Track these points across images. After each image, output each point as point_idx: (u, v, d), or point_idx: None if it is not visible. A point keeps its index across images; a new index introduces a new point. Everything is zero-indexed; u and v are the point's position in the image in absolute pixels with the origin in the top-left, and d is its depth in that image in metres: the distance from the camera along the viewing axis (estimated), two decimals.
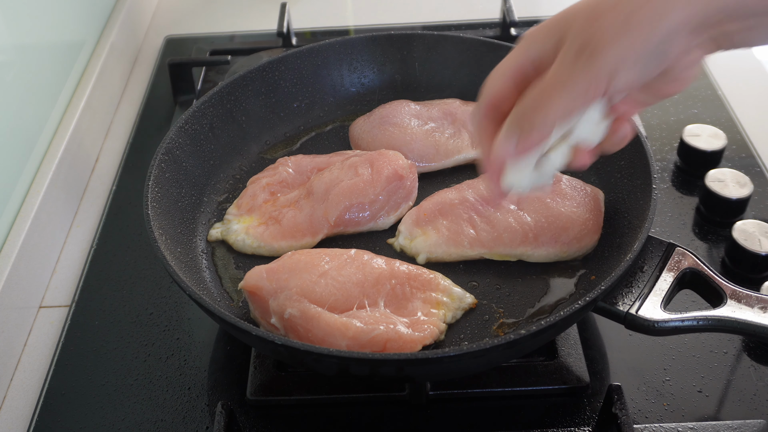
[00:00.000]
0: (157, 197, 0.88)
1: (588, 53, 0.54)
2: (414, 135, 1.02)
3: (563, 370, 0.80)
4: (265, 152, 1.08)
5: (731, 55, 1.34)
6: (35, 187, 1.02)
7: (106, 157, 1.21)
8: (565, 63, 0.55)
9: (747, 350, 0.84)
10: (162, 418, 0.81)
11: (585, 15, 0.55)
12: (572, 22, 0.56)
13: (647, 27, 0.53)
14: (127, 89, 1.37)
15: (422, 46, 1.13)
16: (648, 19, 0.53)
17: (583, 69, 0.54)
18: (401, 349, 0.76)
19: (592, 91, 0.55)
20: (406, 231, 0.92)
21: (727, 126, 1.14)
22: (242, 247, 0.93)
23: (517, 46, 0.61)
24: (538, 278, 0.87)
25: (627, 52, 0.53)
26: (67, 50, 1.20)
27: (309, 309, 0.77)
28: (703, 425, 0.76)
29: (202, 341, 0.88)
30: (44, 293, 0.99)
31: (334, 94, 1.14)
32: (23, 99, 1.04)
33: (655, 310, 0.74)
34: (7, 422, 0.83)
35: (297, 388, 0.80)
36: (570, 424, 0.77)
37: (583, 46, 0.54)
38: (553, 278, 0.87)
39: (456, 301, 0.83)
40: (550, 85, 0.56)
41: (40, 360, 0.90)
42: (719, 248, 0.96)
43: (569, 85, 0.55)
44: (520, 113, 0.58)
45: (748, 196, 0.98)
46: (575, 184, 0.92)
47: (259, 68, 1.07)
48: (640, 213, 0.83)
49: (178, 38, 1.47)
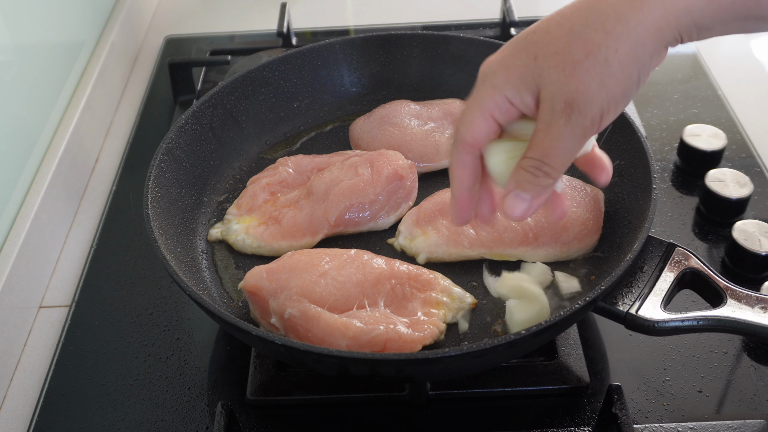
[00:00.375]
0: (157, 197, 0.88)
1: (577, 110, 0.56)
2: (414, 135, 1.02)
3: (563, 370, 0.80)
4: (265, 152, 1.08)
5: (731, 55, 1.34)
6: (35, 187, 1.02)
7: (106, 157, 1.21)
8: (556, 120, 0.57)
9: (747, 350, 0.84)
10: (162, 418, 0.81)
11: (558, 65, 0.56)
12: (545, 73, 0.57)
13: (625, 75, 0.56)
14: (127, 89, 1.37)
15: (422, 46, 1.13)
16: (625, 65, 0.56)
17: (576, 124, 0.57)
18: (401, 349, 0.76)
19: (587, 136, 0.58)
20: (406, 231, 0.92)
21: (727, 126, 1.14)
22: (242, 247, 0.93)
23: (485, 86, 0.61)
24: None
25: (611, 100, 0.56)
26: (67, 50, 1.20)
27: (309, 309, 0.77)
28: (703, 425, 0.76)
29: (202, 341, 0.88)
30: (44, 293, 0.99)
31: (334, 94, 1.14)
32: (23, 99, 1.04)
33: (655, 310, 0.74)
34: (7, 422, 0.83)
35: (297, 388, 0.80)
36: (570, 424, 0.77)
37: (569, 104, 0.56)
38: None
39: (456, 301, 0.83)
40: (551, 143, 0.58)
41: (40, 360, 0.90)
42: (719, 248, 0.96)
43: (568, 139, 0.58)
44: (530, 174, 0.60)
45: (748, 196, 0.98)
46: (575, 184, 0.92)
47: (259, 68, 1.07)
48: (640, 213, 0.83)
49: (178, 38, 1.47)
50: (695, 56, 1.32)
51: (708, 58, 1.31)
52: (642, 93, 1.23)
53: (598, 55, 0.55)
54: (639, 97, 1.22)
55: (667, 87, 1.25)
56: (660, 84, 1.25)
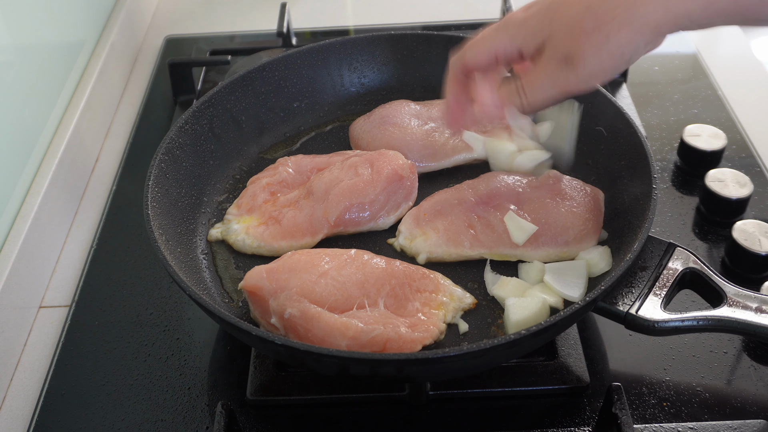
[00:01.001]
0: (157, 197, 0.88)
1: (571, 65, 0.67)
2: (414, 135, 1.02)
3: (563, 370, 0.80)
4: (265, 152, 1.08)
5: (731, 55, 1.34)
6: (35, 187, 1.02)
7: (106, 157, 1.21)
8: (550, 64, 0.69)
9: (747, 350, 0.84)
10: (162, 418, 0.81)
11: (568, 28, 0.67)
12: (556, 31, 0.68)
13: (619, 52, 0.66)
14: (127, 89, 1.37)
15: (422, 46, 1.13)
16: (622, 45, 0.65)
17: (565, 75, 0.68)
18: (401, 349, 0.76)
19: (565, 90, 0.70)
20: (406, 231, 0.92)
21: (727, 126, 1.14)
22: (242, 247, 0.93)
23: (503, 29, 0.72)
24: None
25: (600, 69, 0.67)
26: (67, 50, 1.20)
27: (309, 309, 0.77)
28: (703, 425, 0.76)
29: (202, 341, 0.88)
30: (44, 293, 0.99)
31: (334, 94, 1.14)
32: (23, 99, 1.04)
33: (655, 310, 0.74)
34: (7, 422, 0.83)
35: (297, 388, 0.80)
36: (570, 424, 0.77)
37: (568, 58, 0.67)
38: None
39: (456, 301, 0.83)
40: (538, 78, 0.70)
41: (40, 360, 0.90)
42: (719, 248, 0.96)
43: (552, 82, 0.70)
44: (512, 91, 0.73)
45: (748, 196, 0.98)
46: (575, 184, 0.92)
47: (259, 68, 1.07)
48: (640, 213, 0.83)
49: (178, 38, 1.47)
50: (695, 56, 1.32)
51: (708, 58, 1.31)
52: (642, 93, 1.23)
53: (602, 31, 0.65)
54: (639, 97, 1.22)
55: (667, 87, 1.25)
56: (660, 84, 1.26)
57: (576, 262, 0.85)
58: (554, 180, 0.92)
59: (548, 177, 0.93)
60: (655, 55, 1.31)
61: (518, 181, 0.93)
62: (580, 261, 0.85)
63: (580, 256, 0.86)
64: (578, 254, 0.87)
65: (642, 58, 0.69)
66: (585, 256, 0.86)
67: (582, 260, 0.85)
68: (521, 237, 0.87)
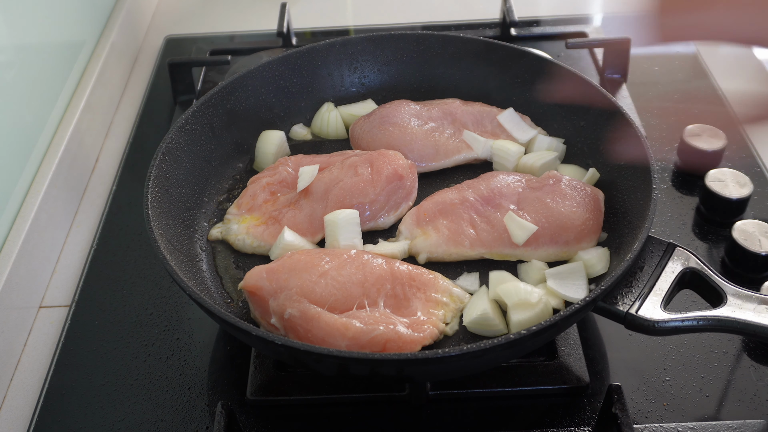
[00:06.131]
0: (157, 197, 0.88)
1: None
2: (414, 135, 1.02)
3: (563, 370, 0.80)
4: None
5: (731, 54, 1.34)
6: (35, 187, 1.02)
7: (106, 157, 1.21)
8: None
9: (747, 350, 0.84)
10: (162, 418, 0.81)
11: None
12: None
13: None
14: (127, 89, 1.37)
15: (422, 47, 1.13)
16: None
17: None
18: (401, 350, 0.76)
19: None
20: (406, 231, 0.92)
21: (727, 126, 1.14)
22: (242, 246, 0.93)
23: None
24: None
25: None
26: (67, 50, 1.20)
27: (309, 309, 0.77)
28: (703, 425, 0.76)
29: (202, 341, 0.88)
30: (44, 293, 0.99)
31: (334, 94, 1.14)
32: (23, 99, 1.04)
33: (655, 310, 0.74)
34: (7, 422, 0.83)
35: (297, 388, 0.80)
36: (570, 424, 0.77)
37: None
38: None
39: (456, 301, 0.83)
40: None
41: (40, 360, 0.90)
42: (719, 248, 0.96)
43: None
44: None
45: (748, 196, 0.98)
46: (575, 184, 0.92)
47: (259, 68, 1.07)
48: (640, 213, 0.83)
49: (178, 38, 1.47)
50: (695, 56, 1.32)
51: (708, 58, 1.31)
52: (642, 93, 1.23)
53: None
54: (639, 97, 1.22)
55: (667, 87, 1.25)
56: (660, 84, 1.25)
57: (575, 265, 0.85)
58: (554, 180, 0.92)
59: (548, 177, 0.93)
60: (655, 55, 1.31)
61: (518, 181, 0.93)
62: (578, 263, 0.85)
63: (579, 256, 0.86)
64: (578, 254, 0.87)
65: (642, 58, 0.68)
66: (584, 256, 0.86)
67: (580, 261, 0.85)
68: (521, 237, 0.87)
